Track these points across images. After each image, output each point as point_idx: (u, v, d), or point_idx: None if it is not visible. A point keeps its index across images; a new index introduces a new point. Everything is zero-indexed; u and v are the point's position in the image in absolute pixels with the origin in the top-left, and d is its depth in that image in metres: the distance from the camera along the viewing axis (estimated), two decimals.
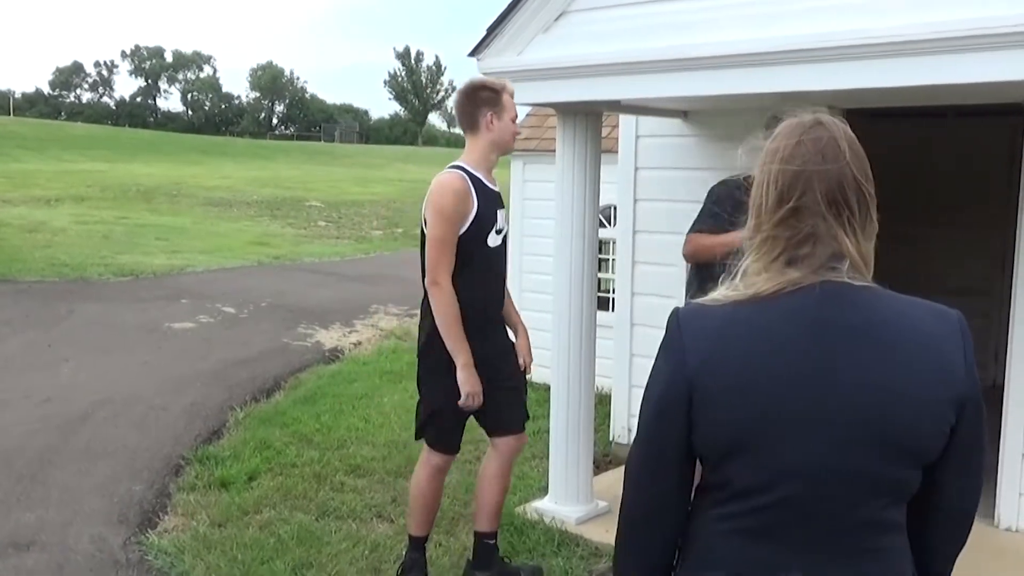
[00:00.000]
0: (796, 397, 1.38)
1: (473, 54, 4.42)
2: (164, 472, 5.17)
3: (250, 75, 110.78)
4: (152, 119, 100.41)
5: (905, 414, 1.37)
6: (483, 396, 3.58)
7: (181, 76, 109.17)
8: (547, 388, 4.87)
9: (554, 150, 4.64)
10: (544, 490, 4.79)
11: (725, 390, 1.40)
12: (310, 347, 8.53)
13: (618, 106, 4.86)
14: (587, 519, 4.57)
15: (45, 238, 15.33)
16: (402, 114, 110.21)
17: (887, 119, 5.73)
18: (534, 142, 7.18)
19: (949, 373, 1.40)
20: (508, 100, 3.66)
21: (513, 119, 3.71)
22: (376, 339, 9.09)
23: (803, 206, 1.39)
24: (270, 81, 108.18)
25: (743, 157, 1.49)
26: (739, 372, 1.40)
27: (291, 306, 10.30)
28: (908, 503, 1.45)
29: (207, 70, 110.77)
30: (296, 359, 8.02)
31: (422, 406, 3.75)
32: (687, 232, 4.11)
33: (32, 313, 9.30)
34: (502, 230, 3.69)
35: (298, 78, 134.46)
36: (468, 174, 3.58)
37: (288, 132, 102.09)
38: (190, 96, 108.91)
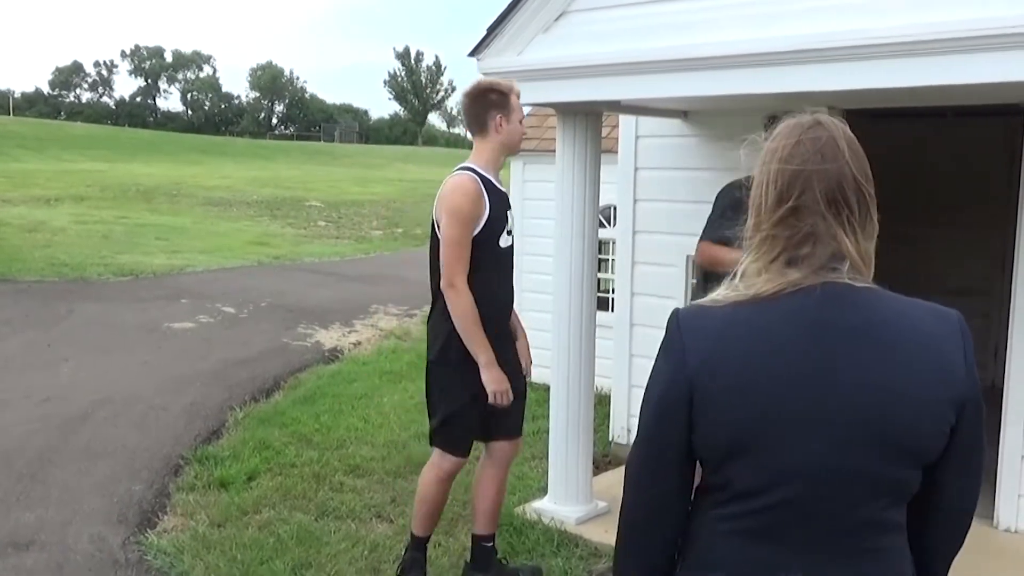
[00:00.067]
0: (796, 397, 1.37)
1: (473, 54, 4.43)
2: (164, 472, 5.17)
3: (250, 75, 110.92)
4: (152, 119, 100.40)
5: (905, 414, 1.37)
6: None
7: (181, 76, 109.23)
8: (547, 388, 4.86)
9: (554, 150, 4.64)
10: (543, 490, 4.78)
11: (725, 390, 1.40)
12: (310, 347, 8.53)
13: (618, 106, 4.86)
14: (586, 519, 4.57)
15: (45, 238, 15.33)
16: (402, 114, 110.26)
17: (887, 119, 5.74)
18: (534, 142, 7.16)
19: (949, 373, 1.40)
20: (516, 102, 3.65)
21: (521, 120, 3.71)
22: (376, 339, 9.09)
23: (802, 205, 1.39)
24: (270, 81, 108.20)
25: (744, 158, 1.49)
26: (739, 372, 1.40)
27: (291, 306, 10.30)
28: (908, 503, 1.45)
29: (207, 70, 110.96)
30: (296, 359, 8.01)
31: (438, 410, 3.68)
32: (699, 239, 4.11)
33: (32, 313, 9.30)
34: (512, 231, 3.69)
35: (298, 78, 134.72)
36: (479, 175, 3.58)
37: (288, 132, 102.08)
38: (190, 96, 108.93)
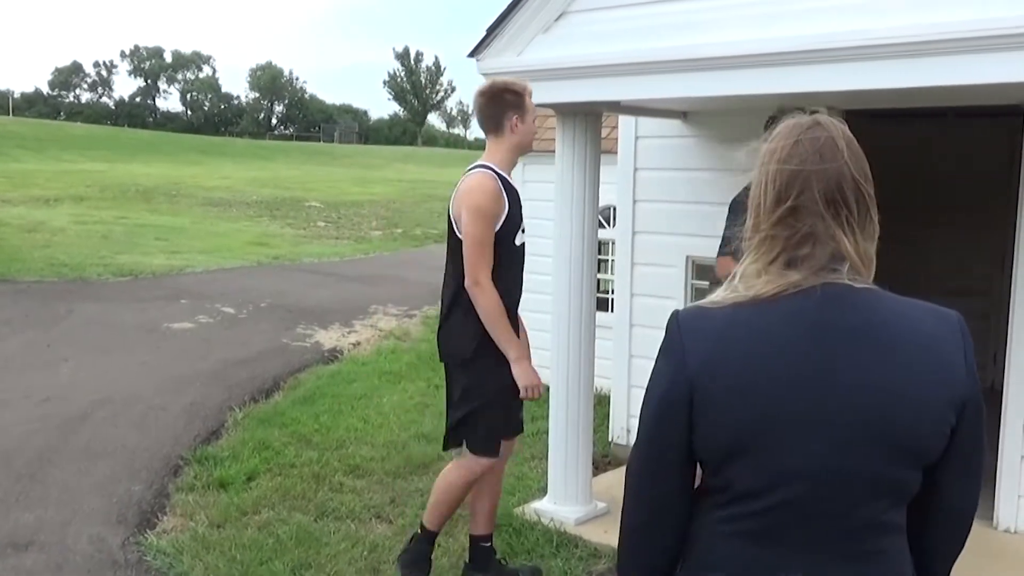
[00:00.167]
0: (796, 399, 1.37)
1: (473, 55, 4.43)
2: (163, 472, 5.17)
3: (249, 75, 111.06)
4: (151, 119, 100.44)
5: (905, 415, 1.37)
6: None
7: (180, 76, 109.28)
8: (546, 388, 4.85)
9: (554, 150, 4.64)
10: (543, 491, 4.78)
11: (725, 392, 1.40)
12: (309, 347, 8.52)
13: (618, 107, 4.86)
14: (586, 520, 4.57)
15: (44, 238, 15.32)
16: (401, 114, 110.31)
17: (887, 119, 5.73)
18: (534, 143, 7.15)
19: (949, 374, 1.40)
20: (530, 102, 3.67)
21: (534, 120, 3.74)
22: (375, 339, 9.08)
23: (801, 205, 1.39)
24: (269, 81, 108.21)
25: (744, 158, 1.49)
26: (739, 374, 1.39)
27: (290, 306, 10.30)
28: (908, 505, 1.45)
29: (206, 70, 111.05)
30: (295, 359, 8.01)
31: (471, 411, 3.64)
32: (718, 254, 4.15)
33: (31, 313, 9.29)
34: (525, 229, 3.72)
35: (297, 78, 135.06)
36: (497, 174, 3.59)
37: (287, 132, 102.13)
38: (189, 96, 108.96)
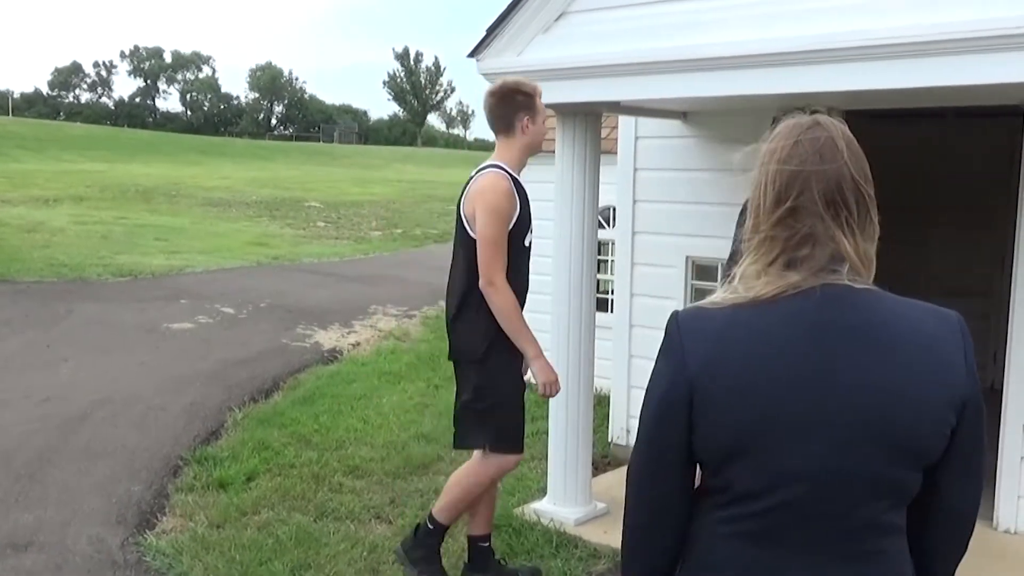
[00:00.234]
0: (796, 399, 1.37)
1: (473, 55, 4.42)
2: (163, 472, 5.17)
3: (249, 75, 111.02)
4: (151, 119, 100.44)
5: (905, 415, 1.37)
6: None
7: (180, 76, 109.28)
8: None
9: (554, 151, 4.64)
10: (543, 491, 4.78)
11: (725, 392, 1.40)
12: (309, 348, 8.52)
13: (618, 107, 4.86)
14: (586, 520, 4.57)
15: (44, 238, 15.31)
16: (401, 115, 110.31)
17: (887, 119, 5.73)
18: None
19: (949, 374, 1.39)
20: (540, 103, 3.68)
21: (544, 121, 3.73)
22: (375, 340, 9.08)
23: (800, 206, 1.39)
24: (269, 81, 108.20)
25: (743, 159, 1.49)
26: (739, 374, 1.39)
27: (290, 306, 10.29)
28: (908, 506, 1.45)
29: (206, 70, 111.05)
30: (295, 359, 8.01)
31: (492, 411, 3.64)
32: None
33: (31, 313, 9.29)
34: (533, 230, 3.73)
35: (297, 78, 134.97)
36: (509, 174, 3.60)
37: (287, 132, 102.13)
38: (189, 96, 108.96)
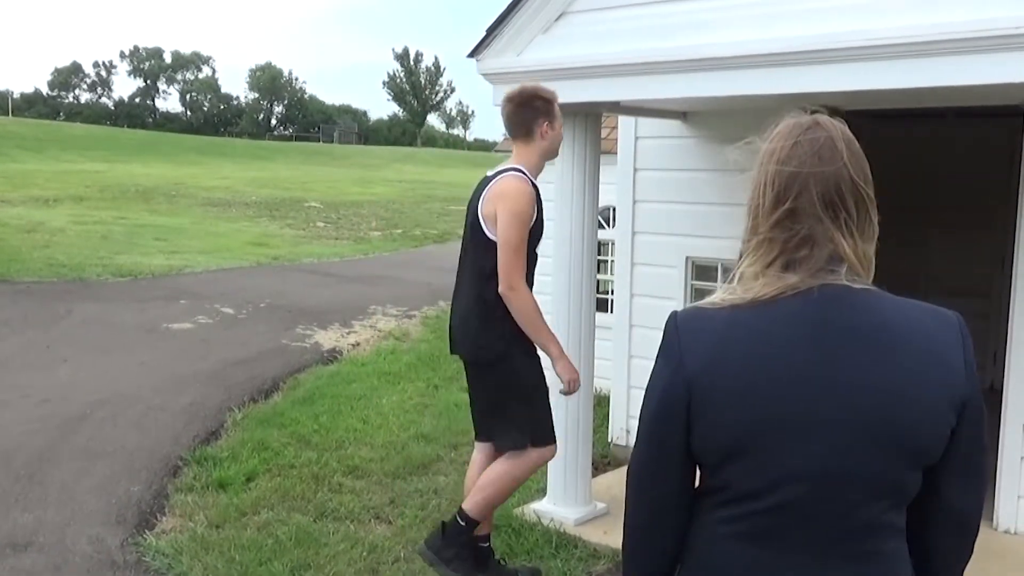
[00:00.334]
0: (796, 400, 1.37)
1: (473, 55, 4.42)
2: (162, 473, 5.17)
3: (249, 75, 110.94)
4: (151, 119, 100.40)
5: (905, 416, 1.36)
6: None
7: (180, 76, 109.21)
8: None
9: None
10: (542, 491, 4.78)
11: (724, 393, 1.40)
12: (308, 348, 8.52)
13: (618, 107, 4.86)
14: (585, 520, 4.56)
15: (43, 238, 15.31)
16: (401, 115, 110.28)
17: (887, 119, 5.73)
18: None
19: (949, 374, 1.39)
20: (558, 108, 3.68)
21: (561, 126, 3.75)
22: (374, 340, 9.08)
23: (799, 208, 1.38)
24: (269, 81, 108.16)
25: (740, 156, 1.48)
26: (738, 375, 1.39)
27: (290, 307, 10.29)
28: (909, 507, 1.44)
29: (206, 70, 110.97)
30: (294, 360, 8.01)
31: (520, 409, 3.65)
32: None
33: (30, 313, 9.29)
34: (544, 234, 3.74)
35: (297, 78, 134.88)
36: (529, 180, 3.60)
37: (287, 133, 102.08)
38: (189, 97, 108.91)
